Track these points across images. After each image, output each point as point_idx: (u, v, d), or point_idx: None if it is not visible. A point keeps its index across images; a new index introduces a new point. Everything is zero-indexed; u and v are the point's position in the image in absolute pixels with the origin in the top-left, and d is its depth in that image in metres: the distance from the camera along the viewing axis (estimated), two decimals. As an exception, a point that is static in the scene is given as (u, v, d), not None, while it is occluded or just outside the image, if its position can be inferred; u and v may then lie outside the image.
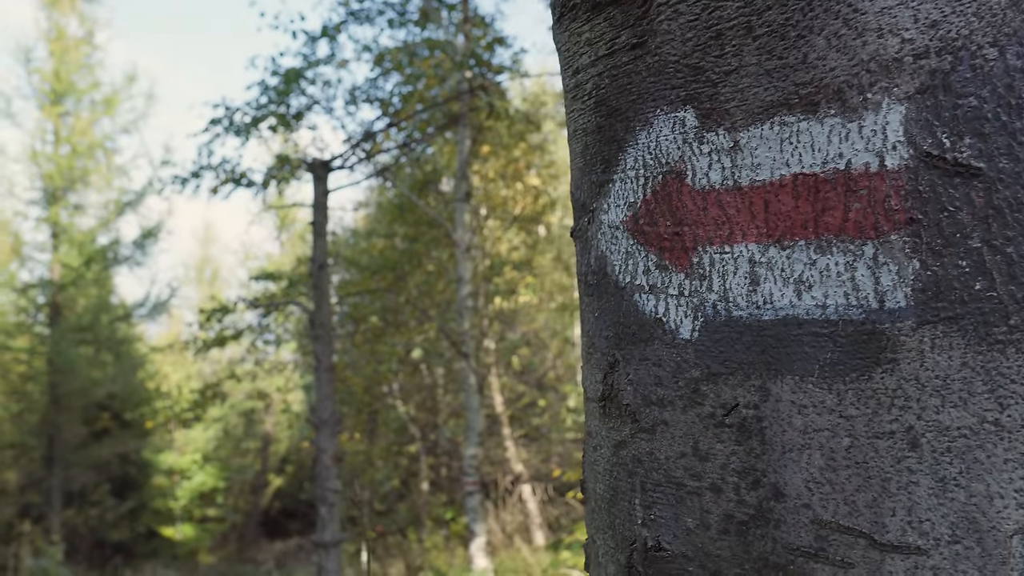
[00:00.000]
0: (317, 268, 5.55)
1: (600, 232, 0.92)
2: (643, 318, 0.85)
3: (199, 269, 34.00)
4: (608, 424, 0.90)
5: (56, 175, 18.93)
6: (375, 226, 15.63)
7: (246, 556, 24.36)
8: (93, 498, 18.84)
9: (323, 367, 5.06)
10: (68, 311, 18.56)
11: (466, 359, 9.31)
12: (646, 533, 0.84)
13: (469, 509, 9.79)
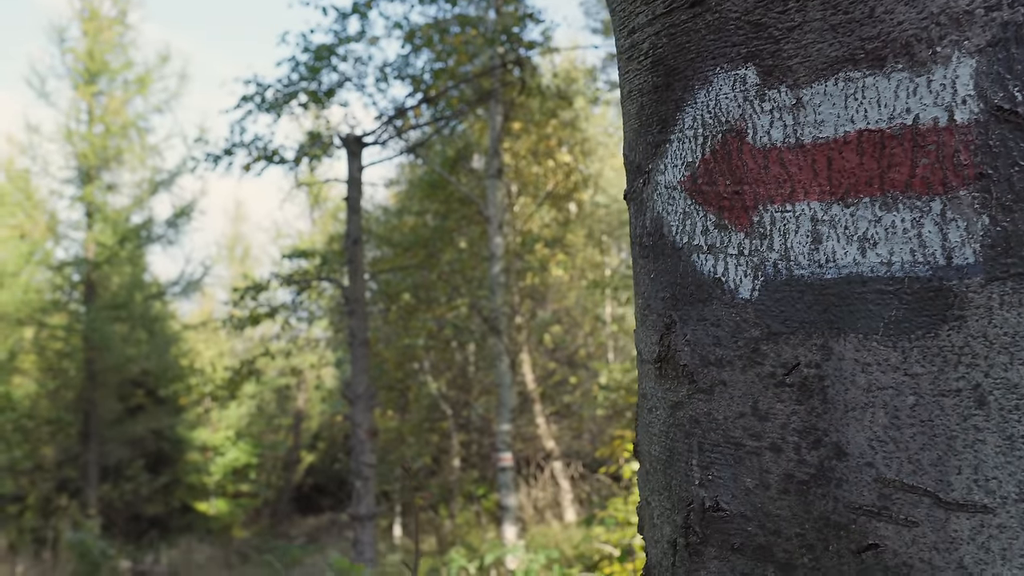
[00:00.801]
0: (351, 243, 5.57)
1: (656, 193, 0.91)
2: (701, 278, 0.85)
3: (231, 247, 34.27)
4: (664, 385, 0.89)
5: (90, 154, 19.11)
6: (406, 203, 15.67)
7: (279, 531, 24.67)
8: (128, 473, 19.14)
9: (358, 342, 5.09)
10: (103, 289, 18.79)
11: (498, 335, 9.32)
12: (704, 493, 0.84)
13: (501, 485, 9.84)
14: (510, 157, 14.59)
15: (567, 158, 15.74)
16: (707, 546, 0.84)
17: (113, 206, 19.53)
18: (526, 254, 12.94)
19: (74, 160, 19.30)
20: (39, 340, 18.71)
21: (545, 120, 14.20)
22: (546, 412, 15.84)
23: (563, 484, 14.96)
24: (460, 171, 12.17)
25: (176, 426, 20.84)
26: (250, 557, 21.06)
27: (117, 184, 19.72)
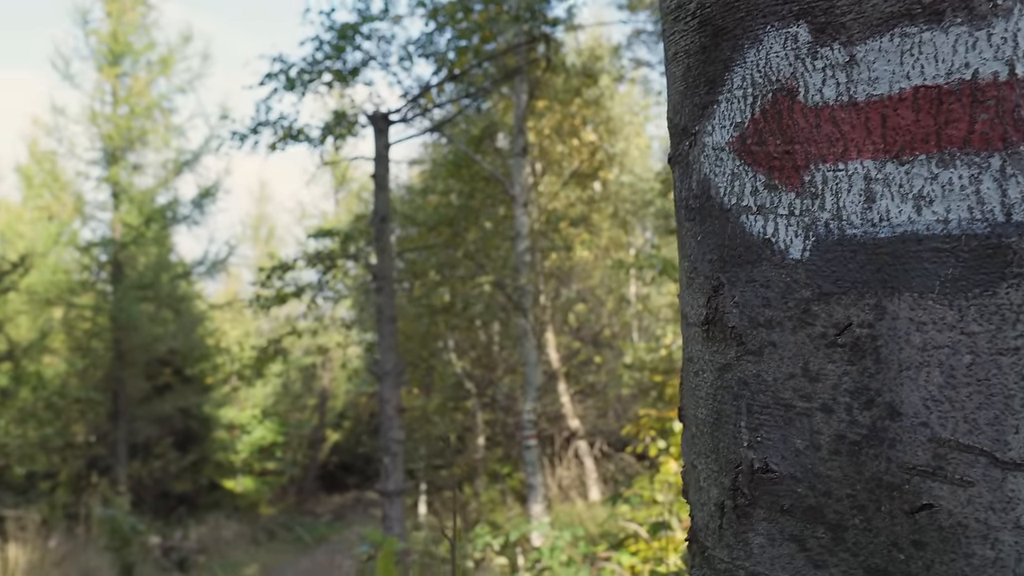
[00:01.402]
0: (379, 221, 5.58)
1: (703, 155, 0.90)
2: (750, 239, 0.84)
3: (255, 227, 34.45)
4: (712, 348, 0.89)
5: (115, 135, 19.22)
6: (430, 183, 15.67)
7: (305, 508, 24.92)
8: (157, 451, 19.35)
9: (386, 318, 5.10)
10: (130, 269, 18.95)
11: (524, 314, 9.32)
12: (752, 455, 0.84)
13: (527, 463, 9.87)
14: (534, 136, 14.55)
15: (592, 137, 15.68)
16: (756, 508, 0.83)
17: (139, 187, 19.66)
18: (551, 232, 12.91)
19: (99, 141, 19.42)
20: (68, 320, 18.91)
21: (569, 98, 14.14)
22: (571, 391, 15.86)
23: (587, 463, 15.00)
24: (485, 150, 12.15)
25: (203, 405, 21.04)
26: (277, 534, 21.29)
27: (142, 165, 19.84)
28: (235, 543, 18.90)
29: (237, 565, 17.56)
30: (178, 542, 17.51)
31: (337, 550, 19.55)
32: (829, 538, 0.79)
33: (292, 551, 20.04)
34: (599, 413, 16.59)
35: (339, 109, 8.77)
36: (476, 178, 11.45)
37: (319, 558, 18.88)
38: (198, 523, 19.04)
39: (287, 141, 8.41)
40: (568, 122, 15.24)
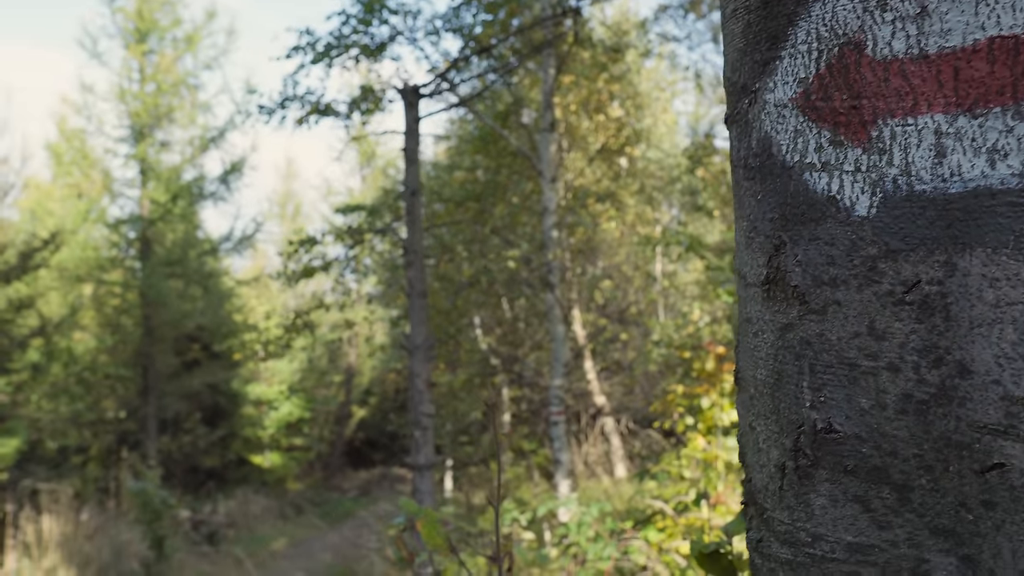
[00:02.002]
0: (410, 194, 5.57)
1: (764, 112, 0.89)
2: (814, 197, 0.83)
3: (282, 204, 34.58)
4: (772, 308, 0.88)
5: (142, 112, 19.32)
6: (456, 159, 15.65)
7: (331, 484, 25.15)
8: (186, 426, 19.56)
9: (416, 293, 5.11)
10: (158, 245, 19.09)
11: (551, 289, 9.31)
12: (815, 416, 0.83)
13: (554, 438, 9.89)
14: (560, 112, 14.47)
15: (618, 112, 15.58)
16: (818, 469, 0.83)
17: (166, 164, 19.76)
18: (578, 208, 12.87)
19: (127, 119, 19.53)
20: (98, 296, 19.10)
21: (596, 74, 14.04)
22: (597, 368, 15.86)
23: (613, 440, 15.02)
24: (511, 125, 12.11)
25: (231, 381, 21.22)
26: (304, 509, 21.51)
27: (169, 142, 19.94)
28: (263, 517, 19.12)
29: (265, 539, 17.78)
30: (207, 516, 17.75)
31: (363, 525, 19.75)
32: (894, 499, 0.78)
33: (319, 526, 20.25)
34: (625, 390, 16.59)
35: (367, 84, 8.77)
36: (503, 154, 11.42)
37: (346, 533, 19.07)
38: (227, 497, 19.27)
39: (314, 116, 8.43)
40: (594, 98, 15.15)
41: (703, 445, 8.35)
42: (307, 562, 16.16)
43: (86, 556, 12.96)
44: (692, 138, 20.77)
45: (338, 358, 27.86)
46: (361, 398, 29.02)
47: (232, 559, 16.19)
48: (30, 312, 15.36)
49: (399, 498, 8.31)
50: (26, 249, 14.70)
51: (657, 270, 19.51)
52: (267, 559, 16.59)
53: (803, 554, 0.84)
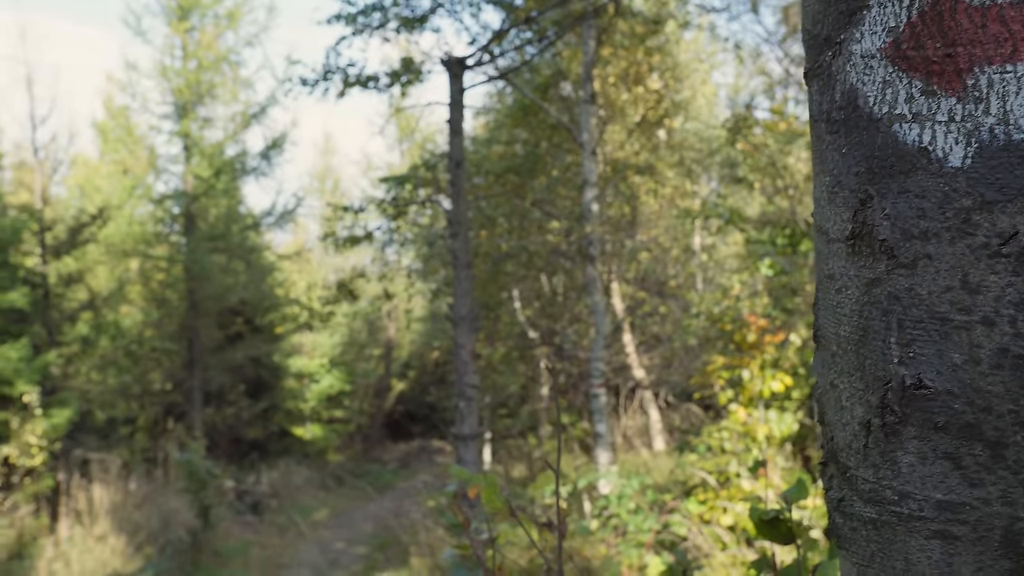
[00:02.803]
0: (454, 166, 5.56)
1: (849, 64, 0.87)
2: (903, 149, 0.81)
3: (321, 179, 34.74)
4: (858, 263, 0.86)
5: (185, 89, 19.46)
6: (495, 133, 15.61)
7: (371, 456, 25.43)
8: (230, 398, 19.84)
9: (461, 264, 5.12)
10: (201, 221, 19.28)
11: (592, 262, 9.28)
12: (904, 371, 0.81)
13: (595, 411, 9.90)
14: (599, 84, 14.36)
15: (657, 85, 15.42)
16: (907, 425, 0.81)
17: (209, 140, 19.91)
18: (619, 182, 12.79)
19: (170, 96, 19.69)
20: (144, 271, 19.38)
21: (634, 46, 13.91)
22: (635, 341, 15.82)
23: (652, 413, 15.00)
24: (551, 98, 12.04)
25: (273, 354, 21.46)
26: (345, 480, 21.78)
27: (212, 118, 20.08)
28: (305, 488, 19.39)
29: (308, 509, 18.03)
30: (251, 486, 18.04)
31: (403, 496, 19.96)
32: (987, 456, 0.77)
33: (360, 497, 20.49)
34: (664, 364, 16.54)
35: (407, 56, 8.75)
36: (542, 126, 11.37)
37: (386, 504, 19.29)
38: (269, 468, 19.55)
39: (356, 87, 8.43)
40: (633, 70, 15.00)
41: (744, 417, 8.33)
42: (348, 532, 16.38)
43: (135, 524, 13.24)
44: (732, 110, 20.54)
45: (377, 332, 28.08)
46: (400, 371, 29.26)
47: (275, 528, 16.46)
48: (79, 286, 15.63)
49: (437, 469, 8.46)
50: (75, 224, 14.95)
51: (696, 243, 19.39)
52: (309, 529, 16.84)
53: (888, 512, 0.83)
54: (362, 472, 23.07)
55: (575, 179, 11.20)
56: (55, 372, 13.50)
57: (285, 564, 14.14)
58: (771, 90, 20.74)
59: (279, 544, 15.50)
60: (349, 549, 14.94)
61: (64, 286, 15.01)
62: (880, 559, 0.85)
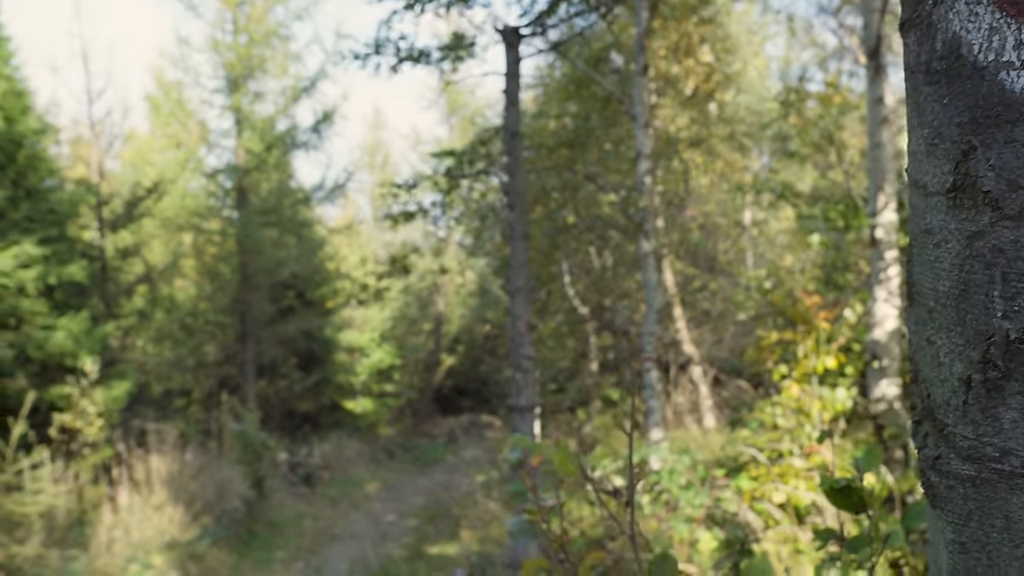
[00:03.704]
0: (510, 137, 5.55)
1: (952, 12, 0.85)
2: (1011, 98, 0.79)
3: (371, 153, 34.92)
4: (959, 216, 0.85)
5: (236, 63, 19.62)
6: (544, 107, 15.54)
7: (421, 430, 25.67)
8: (282, 371, 20.12)
9: (517, 236, 5.12)
10: (253, 195, 19.49)
11: (645, 235, 9.23)
12: (1008, 326, 0.80)
13: (646, 386, 9.88)
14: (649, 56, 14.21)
15: (708, 57, 15.23)
16: (1010, 381, 0.80)
17: (259, 114, 20.08)
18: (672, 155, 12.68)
19: (222, 70, 19.86)
20: (197, 245, 19.67)
21: (685, 17, 13.73)
22: (686, 317, 15.73)
23: (702, 389, 14.92)
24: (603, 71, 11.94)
25: (324, 328, 21.70)
26: (395, 454, 22.03)
27: (263, 92, 20.23)
28: (356, 461, 19.65)
29: (359, 481, 18.28)
30: (303, 458, 18.32)
31: (452, 470, 20.14)
32: (1095, 410, 0.75)
33: (410, 470, 20.71)
34: (714, 339, 16.44)
35: (458, 31, 8.73)
36: (594, 99, 11.29)
37: (436, 477, 19.48)
38: (321, 441, 19.83)
39: (408, 62, 8.44)
40: (684, 42, 14.83)
41: (797, 394, 8.25)
42: (399, 504, 16.57)
43: (191, 493, 13.52)
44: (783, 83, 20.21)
45: (427, 306, 28.26)
46: (450, 346, 29.43)
47: (327, 500, 16.71)
48: (136, 260, 15.91)
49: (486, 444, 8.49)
50: (131, 198, 15.20)
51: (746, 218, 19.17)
52: (361, 501, 17.08)
53: (989, 470, 0.82)
54: (412, 446, 23.32)
55: (627, 153, 11.12)
56: (113, 344, 13.78)
57: (337, 535, 14.36)
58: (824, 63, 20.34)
59: (331, 515, 15.75)
60: (400, 521, 15.13)
61: (121, 259, 15.29)
62: (978, 517, 0.83)
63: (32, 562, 10.32)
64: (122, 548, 11.66)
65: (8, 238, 11.66)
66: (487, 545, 11.31)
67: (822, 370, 7.98)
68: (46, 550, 10.67)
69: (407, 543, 13.43)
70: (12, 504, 10.64)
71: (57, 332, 11.63)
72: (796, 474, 7.59)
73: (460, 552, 12.31)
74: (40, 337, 11.53)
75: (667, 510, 8.39)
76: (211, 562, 12.12)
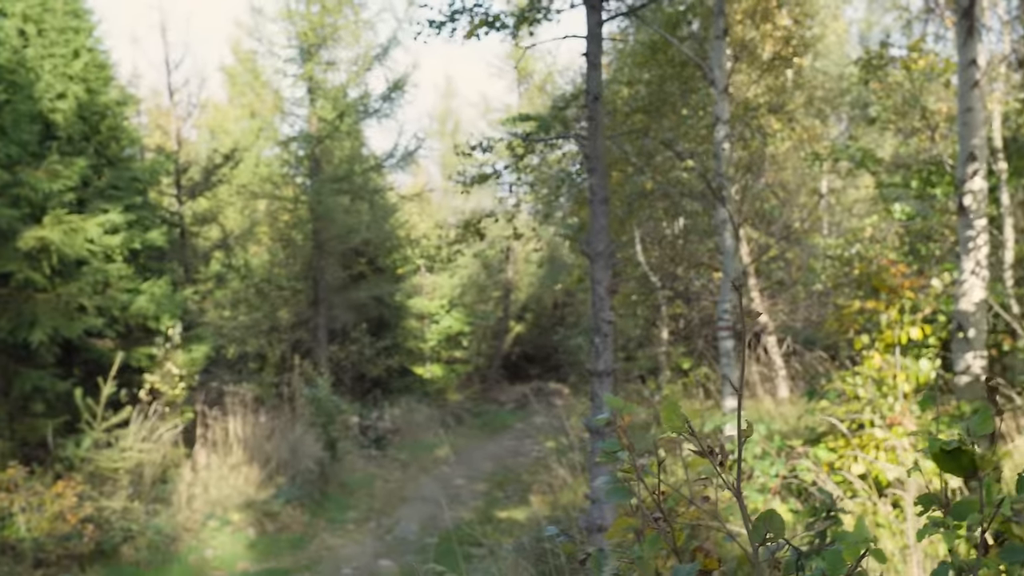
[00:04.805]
0: (592, 100, 5.49)
1: None
2: None
3: (441, 121, 35.04)
4: None
5: (309, 32, 19.77)
6: (616, 75, 15.37)
7: (489, 396, 25.88)
8: (353, 336, 20.42)
9: (598, 199, 5.07)
10: (326, 162, 19.71)
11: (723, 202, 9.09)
12: None
13: (722, 354, 9.78)
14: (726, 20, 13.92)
15: (786, 21, 14.87)
16: None
17: (332, 82, 20.24)
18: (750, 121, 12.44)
19: (295, 39, 20.04)
20: (271, 212, 19.99)
21: (764, -22, 13.42)
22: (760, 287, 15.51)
23: (776, 360, 14.74)
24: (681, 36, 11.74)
25: (395, 294, 21.95)
26: (464, 419, 22.26)
27: (335, 61, 20.37)
28: (425, 426, 19.89)
29: (428, 446, 18.51)
30: (374, 422, 18.61)
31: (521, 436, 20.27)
32: None
33: (479, 435, 20.91)
34: (789, 310, 16.20)
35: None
36: (671, 64, 11.12)
37: (505, 443, 19.63)
38: (391, 405, 20.12)
39: (483, 28, 8.40)
40: (761, 6, 14.49)
41: (879, 364, 8.07)
42: (468, 469, 16.75)
43: (266, 454, 13.84)
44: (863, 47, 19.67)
45: (496, 274, 28.38)
46: (518, 314, 29.55)
47: (398, 463, 16.97)
48: (212, 226, 16.24)
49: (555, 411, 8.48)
50: (209, 166, 15.48)
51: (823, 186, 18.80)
52: (430, 464, 17.30)
53: None
54: (480, 412, 23.54)
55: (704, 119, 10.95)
56: (192, 308, 14.12)
57: (407, 497, 14.58)
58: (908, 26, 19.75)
59: (401, 478, 16.00)
60: (469, 485, 15.30)
61: (198, 226, 15.63)
62: None
63: (119, 515, 10.68)
64: (201, 505, 12.02)
65: (93, 205, 11.98)
66: (558, 511, 11.37)
67: (906, 340, 7.80)
68: (132, 504, 11.04)
69: (476, 507, 13.58)
70: (102, 460, 11.02)
71: (140, 296, 11.95)
72: (877, 445, 7.45)
73: (529, 517, 12.41)
74: (124, 300, 11.87)
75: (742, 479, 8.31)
76: (285, 520, 12.42)
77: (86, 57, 12.63)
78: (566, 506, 11.08)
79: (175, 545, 10.94)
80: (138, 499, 11.26)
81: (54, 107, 12.00)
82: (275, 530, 12.16)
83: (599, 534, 5.20)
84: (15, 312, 10.93)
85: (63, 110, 12.05)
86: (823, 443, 8.20)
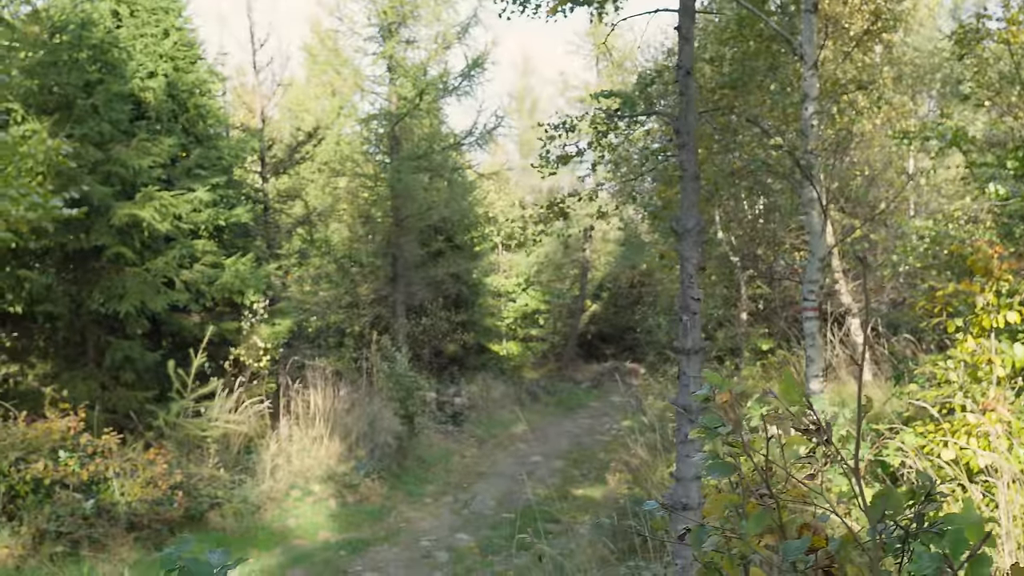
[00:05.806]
0: (683, 74, 5.42)
1: None
2: None
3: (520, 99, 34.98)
4: None
5: (389, 11, 19.87)
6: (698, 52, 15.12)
7: (564, 375, 25.90)
8: (430, 312, 20.62)
9: (688, 176, 5.01)
10: (405, 140, 19.84)
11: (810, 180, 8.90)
12: None
13: (807, 335, 9.61)
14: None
15: (876, -7, 14.44)
16: None
17: (412, 60, 20.33)
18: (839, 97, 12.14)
19: (375, 17, 20.15)
20: (351, 189, 20.23)
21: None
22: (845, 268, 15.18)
23: (859, 342, 14.42)
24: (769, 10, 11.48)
25: (472, 271, 22.07)
26: (539, 397, 22.34)
27: (415, 39, 20.45)
28: (501, 402, 20.02)
29: (504, 422, 18.63)
30: (451, 398, 18.81)
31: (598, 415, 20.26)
32: None
33: (555, 413, 20.98)
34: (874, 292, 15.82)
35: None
36: (759, 38, 10.89)
37: (581, 421, 19.66)
38: (468, 382, 20.29)
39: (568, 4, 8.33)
40: (852, -23, 14.09)
41: (972, 347, 7.83)
42: (544, 446, 16.81)
43: (346, 427, 14.09)
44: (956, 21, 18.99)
45: (573, 252, 28.32)
46: (594, 293, 29.47)
47: (474, 439, 17.13)
48: (295, 203, 16.51)
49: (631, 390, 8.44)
50: (292, 143, 15.72)
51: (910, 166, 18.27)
52: (506, 440, 17.42)
53: None
54: (556, 390, 23.59)
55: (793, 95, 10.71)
56: (275, 283, 14.39)
57: (484, 473, 14.71)
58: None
59: (477, 454, 16.14)
60: (545, 463, 15.36)
61: (281, 203, 15.89)
62: None
63: (207, 482, 11.01)
64: (284, 475, 12.31)
65: (181, 182, 12.28)
66: (636, 489, 11.36)
67: (1003, 324, 7.55)
68: (218, 472, 11.36)
69: (553, 484, 13.64)
70: (191, 428, 11.35)
71: (226, 271, 12.23)
72: (969, 431, 7.25)
73: (606, 495, 12.43)
74: (210, 275, 12.16)
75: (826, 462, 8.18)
76: (364, 492, 12.65)
77: (175, 36, 12.91)
78: (645, 485, 11.05)
79: (259, 514, 11.23)
80: (224, 468, 11.58)
81: (144, 86, 12.29)
82: (355, 501, 12.39)
83: (684, 512, 5.17)
84: (106, 285, 11.29)
85: (153, 88, 12.34)
86: (911, 427, 8.01)
